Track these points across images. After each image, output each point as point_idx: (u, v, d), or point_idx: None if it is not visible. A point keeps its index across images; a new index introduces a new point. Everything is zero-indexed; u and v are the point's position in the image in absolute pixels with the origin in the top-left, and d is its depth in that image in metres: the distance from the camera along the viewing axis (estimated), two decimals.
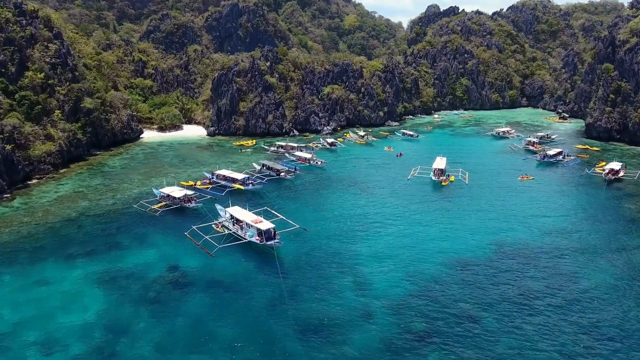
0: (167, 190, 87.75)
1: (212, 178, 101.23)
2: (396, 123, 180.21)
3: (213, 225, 75.79)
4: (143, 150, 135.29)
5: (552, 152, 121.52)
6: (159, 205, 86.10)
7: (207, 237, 69.92)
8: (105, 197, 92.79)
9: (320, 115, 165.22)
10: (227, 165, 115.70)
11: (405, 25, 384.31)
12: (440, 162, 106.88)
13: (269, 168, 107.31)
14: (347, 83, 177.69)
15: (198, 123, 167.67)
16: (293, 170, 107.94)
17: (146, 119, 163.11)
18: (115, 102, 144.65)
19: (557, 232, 76.21)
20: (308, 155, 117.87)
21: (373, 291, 58.26)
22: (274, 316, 53.01)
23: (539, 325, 50.83)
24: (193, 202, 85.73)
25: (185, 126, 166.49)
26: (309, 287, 58.91)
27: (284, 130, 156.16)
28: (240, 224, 71.91)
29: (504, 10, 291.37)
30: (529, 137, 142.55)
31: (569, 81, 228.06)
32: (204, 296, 57.20)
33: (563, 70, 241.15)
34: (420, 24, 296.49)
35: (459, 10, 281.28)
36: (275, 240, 67.30)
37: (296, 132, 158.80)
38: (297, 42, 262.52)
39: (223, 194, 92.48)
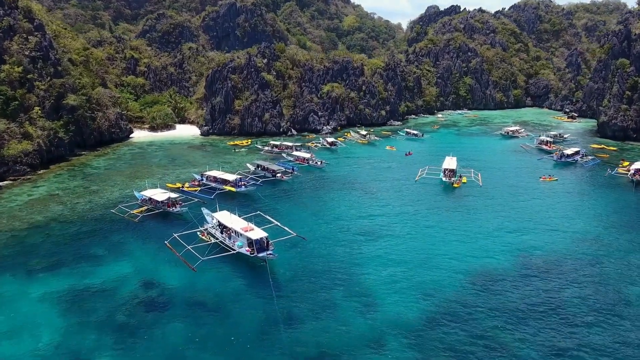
0: (149, 193, 77.34)
1: (201, 180, 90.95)
2: (399, 123, 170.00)
3: (198, 233, 65.44)
4: (131, 150, 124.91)
5: (569, 151, 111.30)
6: (140, 209, 75.72)
7: (189, 247, 59.43)
8: (83, 200, 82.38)
9: (319, 114, 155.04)
10: (220, 166, 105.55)
11: (404, 26, 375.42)
12: (450, 162, 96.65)
13: (264, 169, 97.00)
14: (347, 81, 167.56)
15: (192, 122, 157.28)
16: (290, 171, 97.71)
17: (137, 118, 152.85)
18: (103, 99, 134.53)
19: (589, 238, 66.11)
20: (307, 155, 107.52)
21: (384, 314, 47.98)
22: (264, 346, 42.81)
23: (591, 349, 40.56)
24: (178, 206, 75.36)
25: (178, 126, 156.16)
26: (308, 309, 48.56)
27: (281, 130, 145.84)
28: (229, 232, 61.51)
29: (506, 9, 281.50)
30: (541, 136, 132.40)
31: (572, 81, 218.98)
32: (182, 321, 46.84)
33: (567, 70, 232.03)
34: (421, 23, 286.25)
35: (460, 10, 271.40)
36: (268, 252, 56.90)
37: (294, 132, 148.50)
38: (295, 43, 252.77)
39: (212, 197, 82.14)
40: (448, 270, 57.10)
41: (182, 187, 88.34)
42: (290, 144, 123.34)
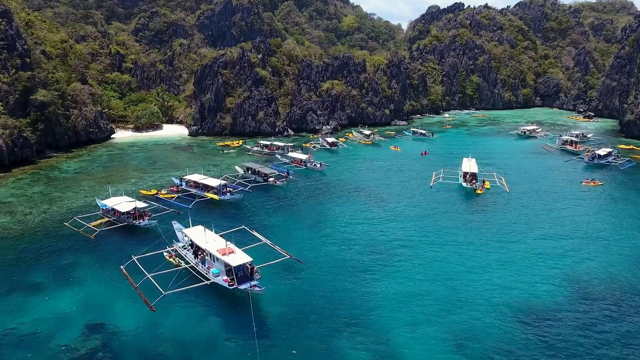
0: (112, 202, 62.78)
1: (181, 185, 76.43)
2: (403, 122, 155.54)
3: (165, 254, 50.82)
4: (109, 151, 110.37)
5: (601, 152, 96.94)
6: (99, 222, 61.22)
7: (150, 275, 44.77)
8: (37, 210, 67.82)
9: (318, 112, 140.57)
10: (207, 169, 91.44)
11: (405, 27, 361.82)
12: (470, 165, 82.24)
13: (254, 172, 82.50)
14: (348, 78, 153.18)
15: (180, 122, 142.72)
16: (284, 174, 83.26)
17: (120, 118, 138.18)
18: (81, 96, 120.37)
19: None
20: (304, 157, 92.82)
21: None
22: None
23: None
24: (146, 218, 60.82)
25: (165, 125, 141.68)
26: None
27: (277, 130, 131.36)
28: (202, 254, 46.90)
29: (511, 7, 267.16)
30: (564, 136, 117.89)
31: (581, 80, 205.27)
32: None
33: (576, 69, 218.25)
34: (423, 21, 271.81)
35: (464, 7, 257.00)
36: (253, 283, 42.47)
37: (291, 132, 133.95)
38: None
39: (190, 207, 67.70)
40: (485, 306, 42.94)
41: (158, 193, 73.69)
42: (281, 144, 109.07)
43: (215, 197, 69.29)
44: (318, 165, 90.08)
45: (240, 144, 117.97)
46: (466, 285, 46.34)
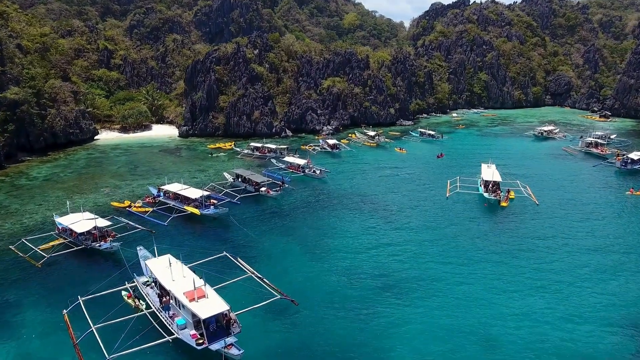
0: (68, 220, 51.45)
1: (158, 195, 65.25)
2: (409, 122, 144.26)
3: (123, 294, 39.56)
4: (90, 155, 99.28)
5: (634, 156, 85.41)
6: (51, 244, 50.00)
7: (94, 327, 33.69)
8: None
9: (318, 112, 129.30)
10: (193, 175, 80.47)
11: (407, 25, 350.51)
12: (490, 172, 70.90)
13: (244, 180, 71.31)
14: (350, 75, 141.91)
15: (170, 122, 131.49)
16: (279, 182, 71.90)
17: (106, 117, 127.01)
18: (61, 94, 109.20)
19: None
20: (302, 162, 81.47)
21: None
22: None
23: None
24: (109, 239, 49.47)
25: (155, 126, 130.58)
26: None
27: (274, 130, 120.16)
28: (166, 298, 35.74)
29: (518, 2, 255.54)
30: (587, 137, 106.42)
31: (591, 78, 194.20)
32: None
33: (586, 67, 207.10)
34: (427, 17, 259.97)
35: (470, 2, 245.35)
36: (229, 341, 31.32)
37: (289, 133, 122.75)
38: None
39: (166, 223, 56.57)
40: (529, 352, 31.74)
41: (130, 206, 62.44)
42: (273, 146, 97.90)
43: (196, 211, 58.08)
44: (317, 172, 78.84)
45: (231, 146, 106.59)
46: (505, 336, 35.24)
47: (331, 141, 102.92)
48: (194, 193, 60.46)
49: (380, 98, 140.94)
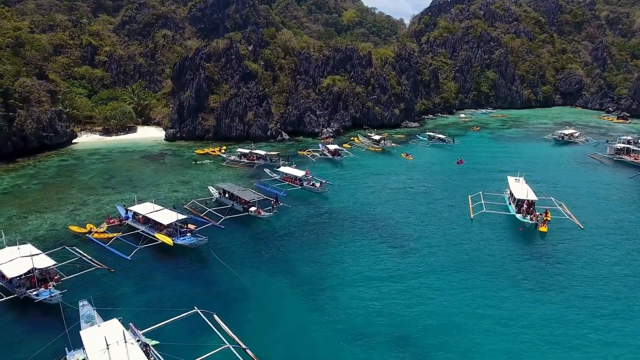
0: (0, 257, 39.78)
1: (126, 218, 53.65)
2: (415, 124, 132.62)
3: None
4: (63, 161, 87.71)
5: None
6: None
7: None
8: None
9: (318, 113, 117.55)
10: (173, 188, 69.04)
11: (407, 22, 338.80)
12: (522, 188, 59.29)
13: (231, 197, 59.69)
14: (352, 73, 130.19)
15: (157, 124, 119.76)
16: (273, 200, 60.17)
17: (87, 119, 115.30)
18: (35, 94, 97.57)
19: None
20: (300, 173, 69.63)
21: None
22: None
23: None
24: (50, 285, 37.92)
25: (140, 128, 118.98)
26: None
27: (269, 133, 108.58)
28: None
29: None
30: (614, 142, 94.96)
31: (600, 77, 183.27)
32: None
33: (595, 65, 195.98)
34: (430, 13, 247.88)
35: None
36: None
37: (286, 136, 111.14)
38: None
39: (129, 258, 45.01)
40: None
41: (91, 232, 50.73)
42: (262, 152, 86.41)
43: (169, 241, 46.42)
44: (317, 185, 67.21)
45: (218, 152, 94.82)
46: None
47: (332, 146, 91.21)
48: (167, 217, 48.75)
49: (384, 98, 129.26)
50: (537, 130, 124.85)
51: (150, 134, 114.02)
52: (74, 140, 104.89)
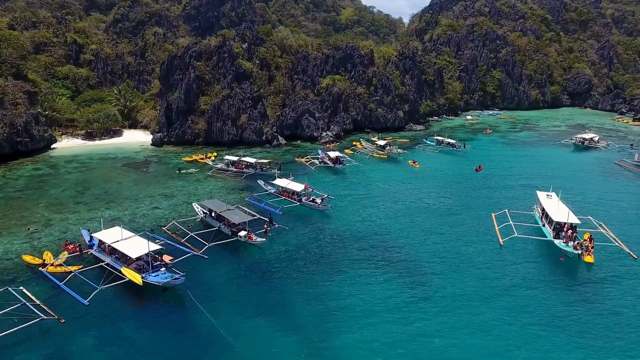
0: None
1: (91, 246, 44.49)
2: (420, 127, 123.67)
3: None
4: (36, 170, 78.49)
5: None
6: None
7: None
8: None
9: (316, 115, 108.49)
10: (154, 204, 60.06)
11: (406, 20, 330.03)
12: (557, 207, 50.37)
13: (218, 218, 50.58)
14: (353, 72, 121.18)
15: (145, 127, 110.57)
16: (267, 222, 51.01)
17: (68, 122, 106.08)
18: (10, 95, 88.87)
19: None
20: (298, 187, 60.32)
21: None
22: None
23: None
24: None
25: (127, 131, 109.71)
26: None
27: (264, 138, 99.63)
28: None
29: None
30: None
31: (607, 77, 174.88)
32: None
33: (603, 64, 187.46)
34: (431, 11, 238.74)
35: None
36: None
37: (282, 140, 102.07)
38: None
39: (87, 302, 35.95)
40: None
41: (44, 265, 41.52)
42: (252, 160, 77.13)
43: (138, 279, 37.23)
44: (318, 201, 58.07)
45: (205, 158, 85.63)
46: None
47: (333, 154, 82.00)
48: (137, 247, 39.59)
49: (387, 99, 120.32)
50: (551, 133, 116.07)
51: (136, 138, 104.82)
52: (53, 146, 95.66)
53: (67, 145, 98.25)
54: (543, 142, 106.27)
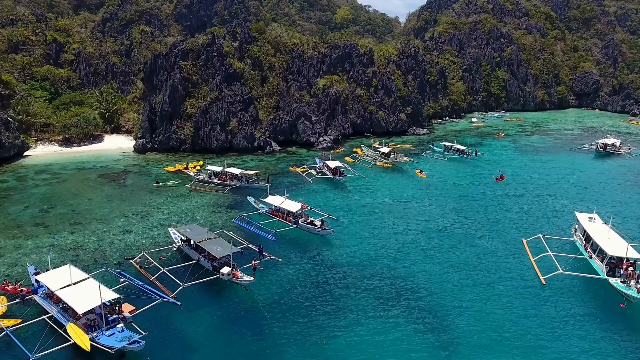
0: None
1: (35, 291, 35.36)
2: (424, 130, 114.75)
3: None
4: (1, 183, 69.09)
5: None
6: None
7: None
8: None
9: (313, 119, 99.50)
10: (127, 227, 51.29)
11: (402, 20, 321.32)
12: (608, 236, 41.69)
13: (197, 248, 41.54)
14: (351, 72, 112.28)
15: (128, 132, 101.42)
16: (258, 251, 42.04)
17: (44, 126, 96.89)
18: None
19: None
20: (294, 207, 51.10)
21: None
22: None
23: None
24: None
25: (108, 137, 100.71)
26: None
27: (256, 144, 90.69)
28: None
29: None
30: None
31: (613, 76, 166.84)
32: None
33: (608, 63, 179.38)
34: (429, 9, 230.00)
35: None
36: None
37: (276, 147, 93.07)
38: None
39: None
40: None
41: None
42: (237, 171, 68.05)
43: (85, 342, 28.16)
44: (318, 224, 49.07)
45: (185, 168, 76.41)
46: None
47: (332, 163, 72.86)
48: (87, 296, 30.50)
49: (388, 101, 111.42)
50: (565, 138, 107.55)
51: (118, 144, 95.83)
52: (25, 153, 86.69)
53: (41, 152, 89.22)
54: (559, 147, 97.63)
